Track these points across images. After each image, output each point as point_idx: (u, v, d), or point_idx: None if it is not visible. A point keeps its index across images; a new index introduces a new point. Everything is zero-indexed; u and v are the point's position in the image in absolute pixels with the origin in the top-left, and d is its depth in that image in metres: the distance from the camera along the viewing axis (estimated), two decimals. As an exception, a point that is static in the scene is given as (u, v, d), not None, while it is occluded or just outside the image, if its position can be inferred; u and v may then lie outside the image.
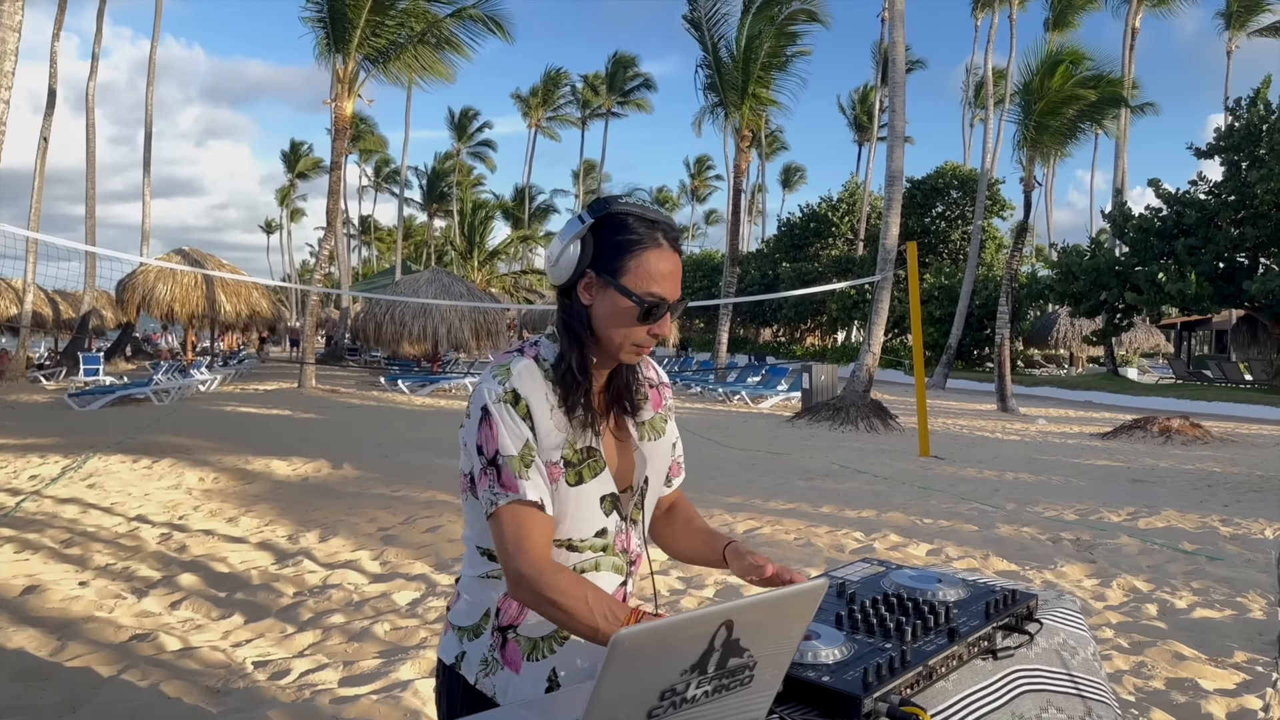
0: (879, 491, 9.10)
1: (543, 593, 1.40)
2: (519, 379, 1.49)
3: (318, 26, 21.84)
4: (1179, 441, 14.00)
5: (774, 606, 1.04)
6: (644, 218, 1.51)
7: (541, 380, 1.51)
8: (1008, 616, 1.61)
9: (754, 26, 20.62)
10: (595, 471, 1.54)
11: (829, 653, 1.36)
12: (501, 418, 1.46)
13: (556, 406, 1.51)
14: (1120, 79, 21.47)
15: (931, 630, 1.49)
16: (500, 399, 1.47)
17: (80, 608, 4.74)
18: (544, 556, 1.44)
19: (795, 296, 40.02)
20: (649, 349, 1.56)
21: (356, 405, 18.85)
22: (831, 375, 18.69)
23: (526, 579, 1.41)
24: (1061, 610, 1.84)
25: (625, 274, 1.49)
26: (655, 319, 1.51)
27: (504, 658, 1.54)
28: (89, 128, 29.92)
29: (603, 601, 1.41)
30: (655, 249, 1.51)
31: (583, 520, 1.54)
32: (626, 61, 59.67)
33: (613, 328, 1.51)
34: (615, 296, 1.50)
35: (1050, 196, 61.70)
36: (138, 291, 26.60)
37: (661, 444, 1.68)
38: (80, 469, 9.37)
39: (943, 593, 1.66)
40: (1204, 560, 6.37)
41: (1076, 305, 29.58)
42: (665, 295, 1.51)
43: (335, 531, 6.77)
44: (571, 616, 1.40)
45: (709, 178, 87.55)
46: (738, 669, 1.04)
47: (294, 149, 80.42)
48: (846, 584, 1.74)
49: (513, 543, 1.43)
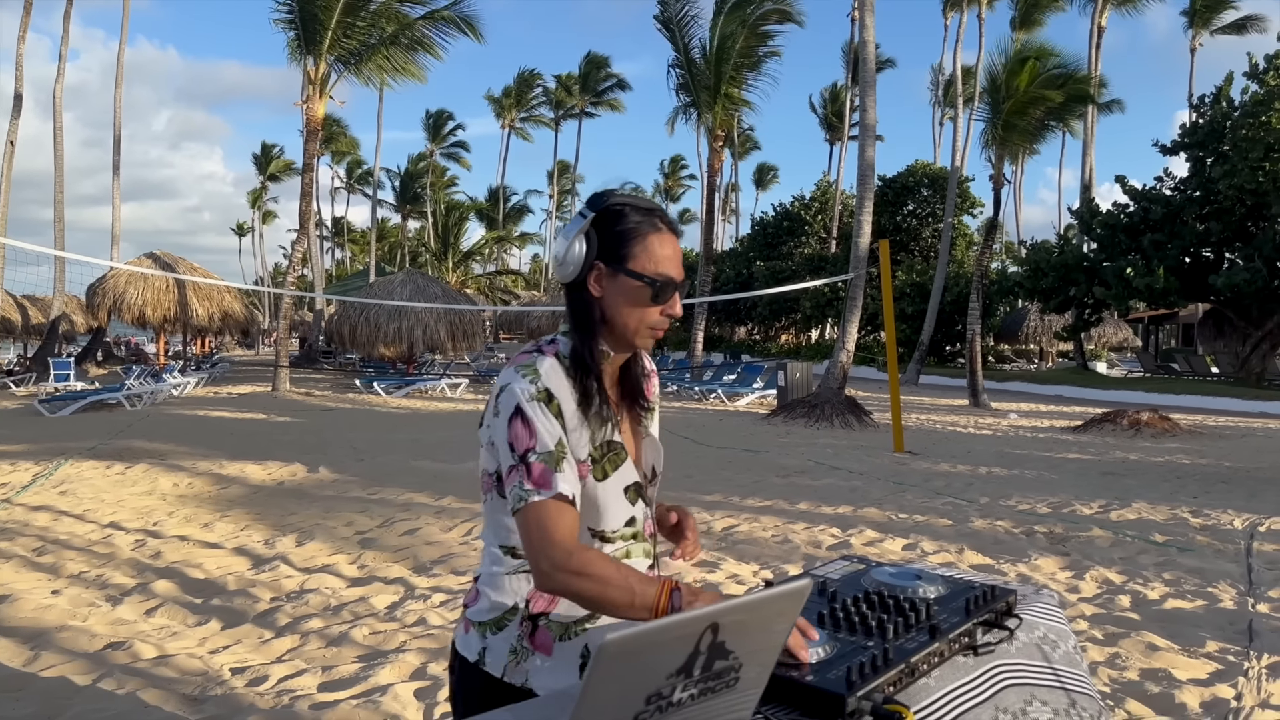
0: (855, 488, 9.16)
1: (575, 569, 1.40)
2: (548, 378, 1.52)
3: (288, 28, 21.67)
4: (1148, 434, 14.19)
5: (759, 608, 1.05)
6: (639, 207, 1.58)
7: (565, 378, 1.55)
8: (988, 612, 1.63)
9: (726, 26, 20.68)
10: (617, 464, 1.59)
11: (812, 652, 1.38)
12: (537, 416, 1.48)
13: (579, 402, 1.54)
14: (1087, 77, 21.71)
15: (913, 628, 1.51)
16: (534, 398, 1.50)
17: (53, 616, 4.68)
18: (573, 540, 1.44)
19: (770, 295, 40.16)
20: (663, 330, 1.60)
21: (332, 408, 18.73)
22: (806, 373, 18.78)
23: (558, 563, 1.40)
24: (1041, 605, 1.86)
25: (632, 259, 1.55)
26: (666, 298, 1.57)
27: (534, 644, 1.57)
28: (56, 131, 29.50)
29: (634, 574, 1.43)
30: (656, 233, 1.57)
31: (611, 511, 1.59)
32: (599, 62, 59.65)
33: (627, 313, 1.57)
34: (626, 282, 1.55)
35: (1020, 194, 62.33)
36: (108, 296, 26.28)
37: (655, 427, 1.75)
38: (52, 476, 9.25)
39: (923, 590, 1.68)
40: (1175, 552, 6.47)
41: (1046, 301, 29.88)
42: (672, 275, 1.57)
43: (312, 536, 6.73)
44: (607, 587, 1.39)
45: (683, 177, 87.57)
46: (723, 671, 1.05)
47: (265, 151, 79.73)
48: (828, 582, 1.75)
49: (541, 535, 1.43)
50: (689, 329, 26.02)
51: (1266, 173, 23.32)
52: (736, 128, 46.79)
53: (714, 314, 50.33)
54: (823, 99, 60.76)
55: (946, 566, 5.95)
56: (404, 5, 22.17)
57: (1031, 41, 23.50)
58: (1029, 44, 21.83)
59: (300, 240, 22.95)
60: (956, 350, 36.56)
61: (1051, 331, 39.29)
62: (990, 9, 37.54)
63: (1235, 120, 24.43)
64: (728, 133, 27.23)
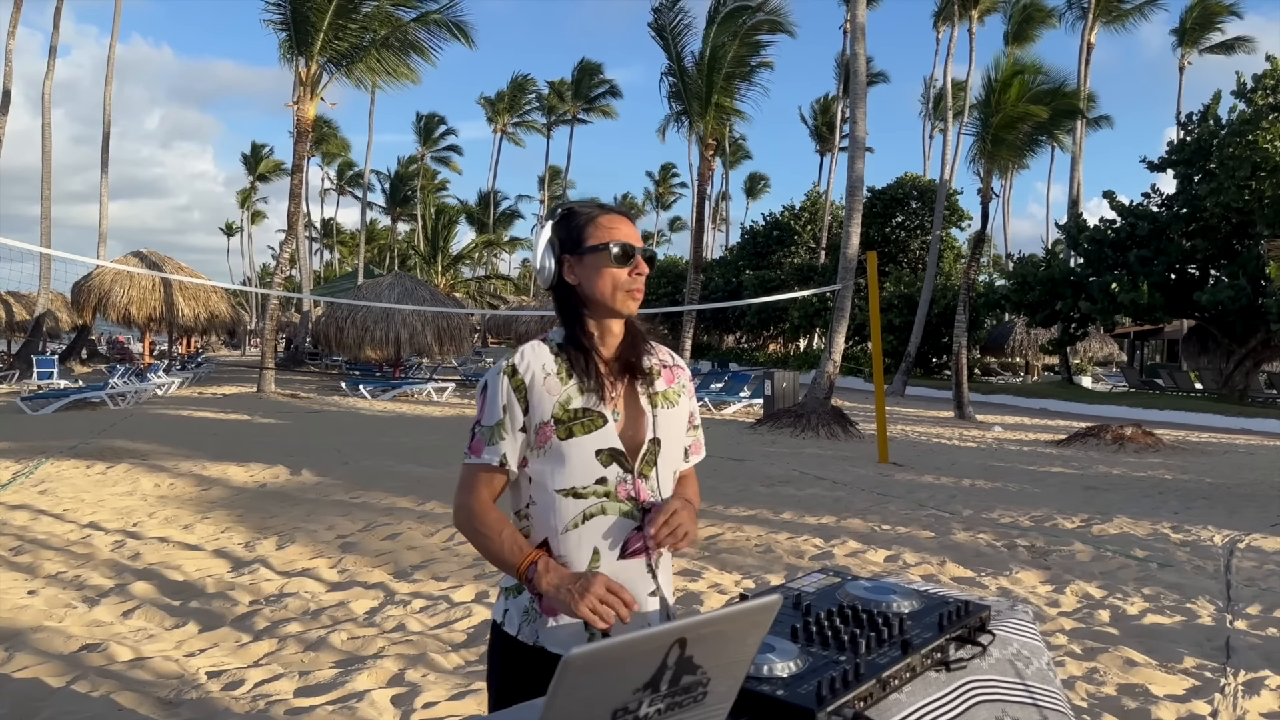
0: (838, 498, 9.18)
1: (472, 523, 1.76)
2: (522, 355, 1.80)
3: (280, 29, 21.61)
4: (1131, 449, 14.26)
5: (728, 622, 1.05)
6: (587, 204, 1.86)
7: (545, 353, 1.81)
8: (961, 628, 1.63)
9: (719, 36, 20.70)
10: (589, 429, 1.76)
11: (783, 666, 1.38)
12: (494, 388, 1.78)
13: (552, 374, 1.77)
14: (1075, 92, 21.85)
15: (885, 642, 1.51)
16: (500, 371, 1.79)
17: (29, 617, 4.64)
18: (485, 501, 1.78)
19: (758, 304, 40.23)
20: (639, 291, 1.81)
21: (317, 410, 18.65)
22: (793, 382, 18.81)
23: (464, 509, 1.78)
24: (1015, 620, 1.87)
25: (589, 239, 1.80)
26: (630, 261, 1.80)
27: (542, 608, 1.76)
28: (45, 127, 29.34)
29: (515, 541, 1.74)
30: (604, 215, 1.83)
31: (580, 469, 1.76)
32: (592, 69, 59.72)
33: (600, 283, 1.79)
34: (590, 259, 1.79)
35: (1008, 207, 62.69)
36: (94, 294, 26.14)
37: (676, 413, 1.89)
38: (32, 475, 9.18)
39: (897, 604, 1.68)
40: (1155, 567, 6.50)
41: (1032, 315, 30.01)
42: (627, 239, 1.80)
43: (293, 539, 6.70)
44: (489, 543, 1.74)
45: (674, 185, 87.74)
46: (691, 686, 1.04)
47: (255, 151, 79.42)
48: (803, 595, 1.75)
49: (461, 490, 1.80)
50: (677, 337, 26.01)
51: (1252, 191, 23.50)
52: (728, 137, 46.90)
53: (703, 322, 50.35)
54: (813, 110, 60.96)
55: (925, 580, 5.97)
56: (396, 8, 22.14)
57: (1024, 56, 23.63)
58: (1021, 59, 21.94)
59: (288, 241, 22.86)
60: (943, 362, 36.68)
61: (1037, 345, 39.45)
62: (981, 24, 37.81)
63: (1222, 139, 24.62)
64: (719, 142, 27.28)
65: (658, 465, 1.83)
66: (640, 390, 1.85)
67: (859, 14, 16.22)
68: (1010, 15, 38.31)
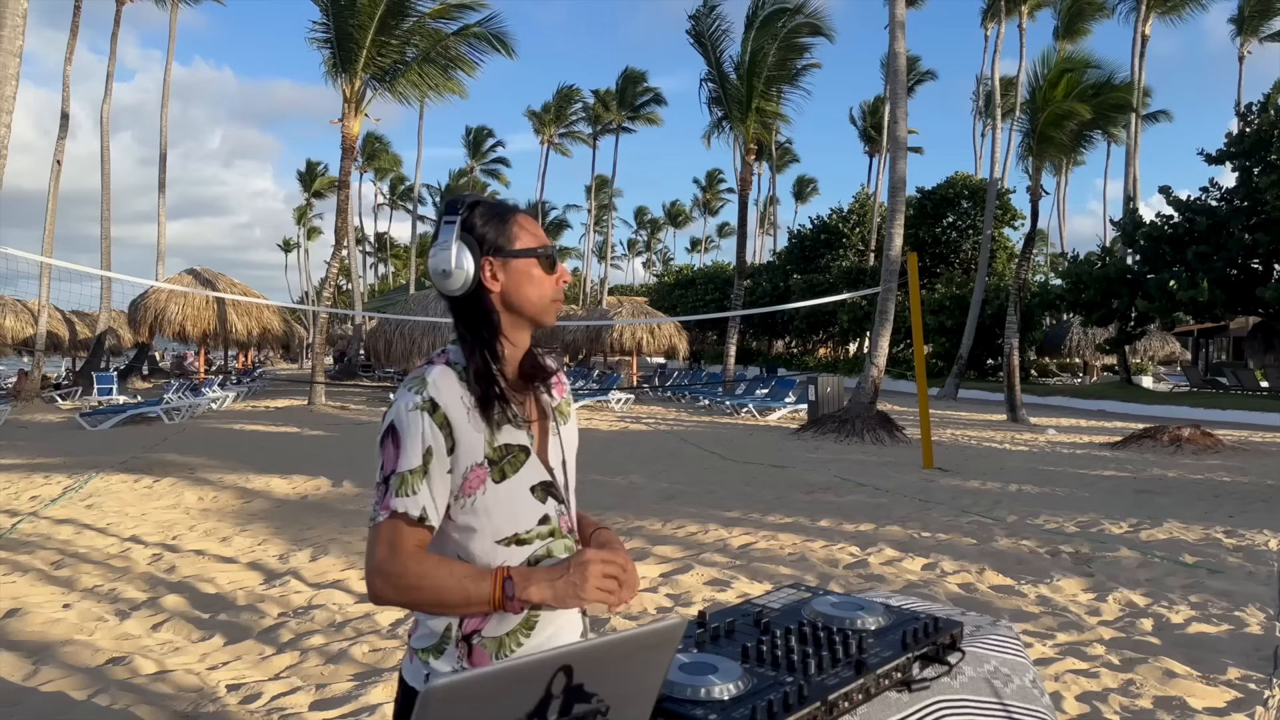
0: (879, 505, 9.02)
1: (408, 582, 1.44)
2: (435, 387, 1.51)
3: (324, 47, 21.99)
4: (1189, 451, 13.83)
5: (621, 648, 1.00)
6: (487, 199, 1.62)
7: (457, 384, 1.53)
8: (927, 646, 1.56)
9: (757, 41, 20.61)
10: (518, 465, 1.55)
11: (722, 689, 1.32)
12: (414, 428, 1.48)
13: (473, 408, 1.52)
14: (1128, 86, 21.32)
15: (839, 662, 1.44)
16: (418, 407, 1.48)
17: (60, 631, 4.73)
18: (412, 551, 1.46)
19: (805, 308, 39.91)
20: (561, 301, 1.63)
21: (365, 422, 18.87)
22: (838, 387, 18.58)
23: (391, 576, 1.44)
24: (995, 637, 1.78)
25: (516, 240, 1.58)
26: (555, 269, 1.62)
27: (472, 663, 1.54)
28: (104, 150, 30.20)
29: (469, 570, 1.48)
30: (517, 214, 1.62)
31: (521, 513, 1.56)
32: (636, 77, 59.78)
33: (529, 291, 1.58)
34: (519, 264, 1.58)
35: (1064, 205, 61.39)
36: (150, 311, 26.79)
37: (570, 427, 1.71)
38: (81, 489, 9.40)
39: (861, 621, 1.61)
40: (1204, 573, 6.27)
41: (1087, 314, 29.30)
42: (543, 244, 1.61)
43: (326, 550, 6.75)
44: (441, 594, 1.45)
45: (720, 191, 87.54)
46: (587, 715, 0.99)
47: (310, 168, 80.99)
48: (765, 611, 1.69)
49: (380, 552, 1.45)
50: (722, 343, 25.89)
51: (1316, 182, 22.73)
52: (773, 141, 46.64)
53: (750, 327, 50.12)
54: (862, 111, 60.36)
55: (961, 589, 5.81)
56: (436, 22, 22.39)
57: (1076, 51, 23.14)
58: (1072, 54, 21.47)
59: (335, 255, 23.21)
60: (997, 364, 35.99)
61: (1095, 345, 38.55)
62: (1031, 19, 37.17)
63: (1283, 129, 23.86)
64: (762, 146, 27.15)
65: (569, 488, 1.66)
66: (542, 407, 1.66)
67: (898, 11, 16.00)
68: (1061, 9, 37.63)
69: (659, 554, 6.72)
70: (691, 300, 51.87)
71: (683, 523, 7.91)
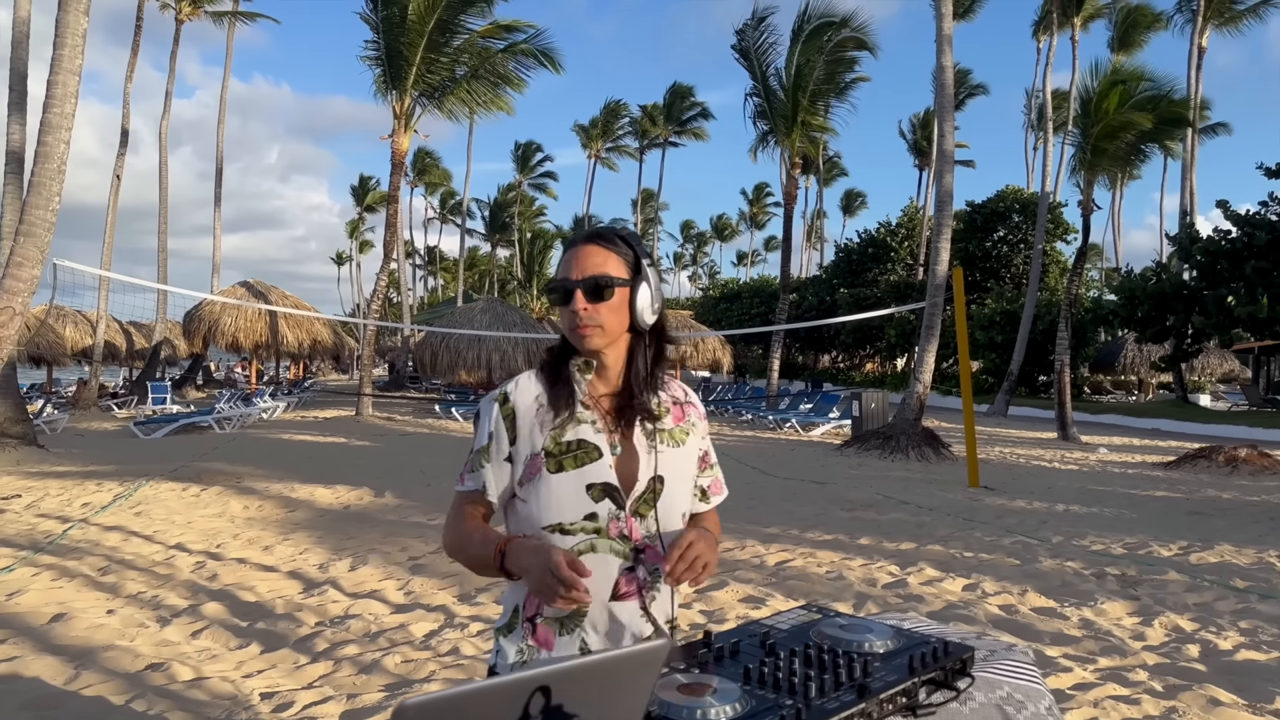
0: (922, 523, 8.89)
1: (454, 541, 1.74)
2: (514, 385, 1.78)
3: (375, 65, 22.37)
4: (1246, 472, 13.46)
5: (601, 670, 0.99)
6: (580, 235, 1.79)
7: (535, 384, 1.78)
8: (935, 670, 1.53)
9: (803, 55, 20.57)
10: (581, 462, 1.70)
11: (718, 711, 1.31)
12: (485, 415, 1.77)
13: (546, 404, 1.73)
14: (1184, 100, 20.89)
15: (842, 686, 1.43)
16: (494, 399, 1.77)
17: (103, 636, 4.82)
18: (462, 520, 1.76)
19: (851, 322, 39.58)
20: (584, 327, 1.71)
21: (410, 433, 19.07)
22: (882, 402, 18.39)
23: (447, 533, 1.77)
24: (1009, 662, 1.75)
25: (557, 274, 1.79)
26: (568, 299, 1.72)
27: (538, 641, 1.71)
28: (162, 166, 31.01)
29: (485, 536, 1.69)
30: (569, 249, 1.77)
31: (568, 504, 1.69)
32: (683, 92, 60.00)
33: (560, 321, 1.77)
34: (552, 297, 1.77)
35: (1119, 219, 60.36)
36: (204, 323, 27.38)
37: (681, 453, 1.81)
38: (131, 497, 9.60)
39: (869, 644, 1.59)
40: (1255, 599, 6.09)
41: (1142, 330, 28.74)
42: (566, 276, 1.74)
43: (365, 560, 6.82)
44: (468, 550, 1.70)
45: (767, 204, 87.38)
46: (566, 734, 0.99)
47: (363, 183, 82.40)
48: (772, 633, 1.68)
49: (449, 515, 1.79)
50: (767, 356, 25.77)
51: (1381, 196, 22.07)
52: (821, 154, 46.42)
53: (796, 342, 49.84)
54: (912, 125, 59.89)
55: (1002, 611, 5.70)
56: (484, 40, 22.67)
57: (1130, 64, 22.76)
58: (1126, 66, 21.13)
59: (384, 269, 23.54)
60: (1048, 381, 35.36)
61: (1150, 362, 37.73)
62: (1085, 30, 36.69)
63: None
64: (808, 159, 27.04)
65: (657, 505, 1.74)
66: (643, 425, 1.77)
67: (944, 26, 15.88)
68: (1115, 21, 37.06)
69: (695, 569, 6.68)
70: (737, 314, 51.72)
71: (720, 538, 7.86)
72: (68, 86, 10.82)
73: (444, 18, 21.44)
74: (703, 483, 1.87)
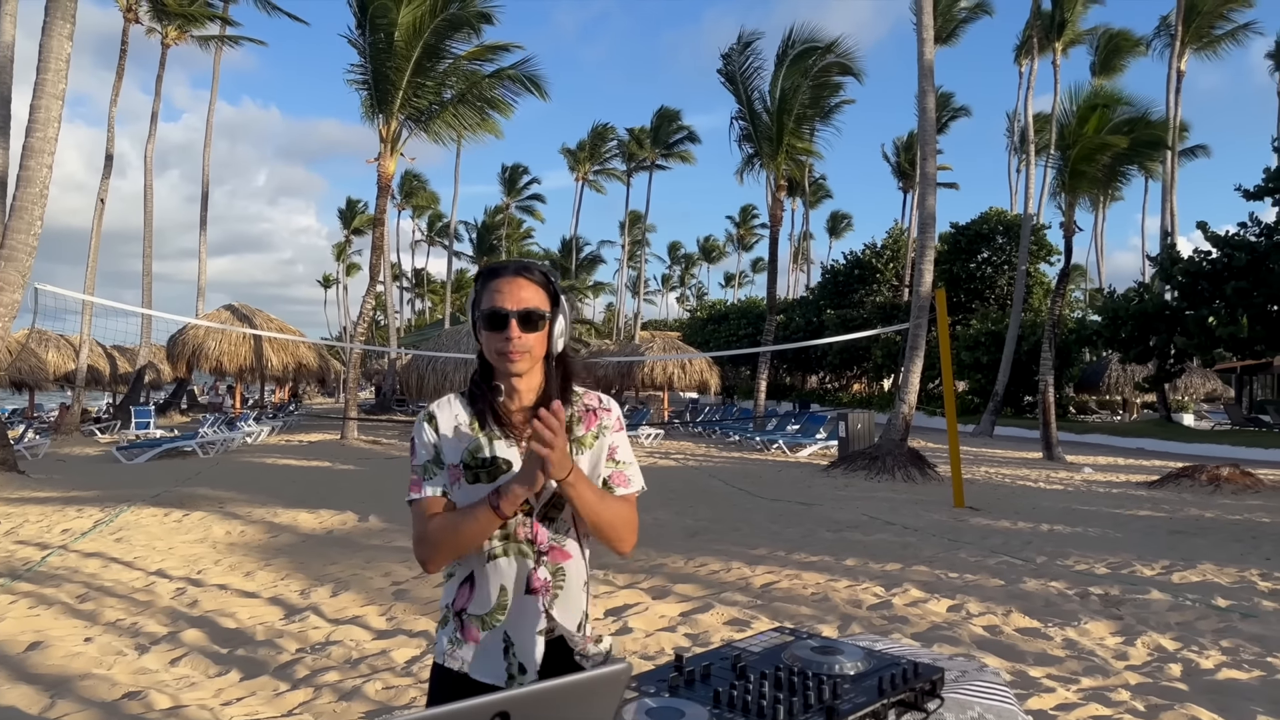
0: (907, 544, 8.90)
1: (434, 537, 1.82)
2: (438, 405, 1.93)
3: (362, 88, 22.43)
4: (1228, 491, 13.53)
5: (562, 694, 0.99)
6: (492, 265, 1.91)
7: (457, 405, 1.93)
8: (905, 692, 1.54)
9: (788, 79, 20.76)
10: (494, 476, 1.85)
11: (685, 734, 1.31)
12: (419, 433, 1.91)
13: (465, 424, 1.89)
14: (1162, 122, 21.15)
15: (810, 708, 1.43)
16: (421, 420, 1.92)
17: (80, 664, 4.77)
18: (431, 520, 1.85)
19: (838, 343, 39.71)
20: (515, 353, 1.84)
21: (396, 456, 18.99)
22: (869, 423, 18.43)
23: (418, 537, 1.85)
24: (980, 682, 1.75)
25: (481, 303, 1.88)
26: (496, 325, 1.83)
27: (465, 635, 1.87)
28: (146, 190, 30.93)
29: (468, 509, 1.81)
30: (494, 279, 1.87)
31: None
32: (670, 115, 60.24)
33: (484, 346, 1.89)
34: (478, 321, 1.88)
35: (1102, 240, 60.83)
36: (188, 346, 27.24)
37: (585, 458, 1.92)
38: (112, 523, 9.52)
39: (839, 666, 1.59)
40: (1237, 617, 6.11)
41: (1125, 351, 28.92)
42: (497, 305, 1.84)
43: (348, 586, 6.78)
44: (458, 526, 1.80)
45: (754, 226, 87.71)
46: (526, 759, 0.99)
47: (350, 206, 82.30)
48: (743, 655, 1.68)
49: (415, 528, 1.87)
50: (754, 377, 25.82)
51: (1358, 217, 22.34)
52: (807, 177, 46.72)
53: (784, 362, 49.94)
54: (896, 148, 60.33)
55: (987, 631, 5.70)
56: (472, 64, 22.78)
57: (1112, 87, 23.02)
58: (1108, 90, 21.36)
59: (370, 291, 23.51)
60: (1033, 401, 35.51)
61: (1134, 382, 37.95)
62: (1066, 56, 37.08)
63: (1322, 163, 23.51)
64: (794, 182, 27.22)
65: (564, 509, 1.88)
66: None
67: (926, 52, 16.05)
68: (1096, 45, 37.49)
69: (680, 592, 6.67)
70: (724, 335, 51.80)
71: (706, 560, 7.85)
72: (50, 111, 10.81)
73: (430, 42, 21.55)
74: (604, 474, 1.94)
